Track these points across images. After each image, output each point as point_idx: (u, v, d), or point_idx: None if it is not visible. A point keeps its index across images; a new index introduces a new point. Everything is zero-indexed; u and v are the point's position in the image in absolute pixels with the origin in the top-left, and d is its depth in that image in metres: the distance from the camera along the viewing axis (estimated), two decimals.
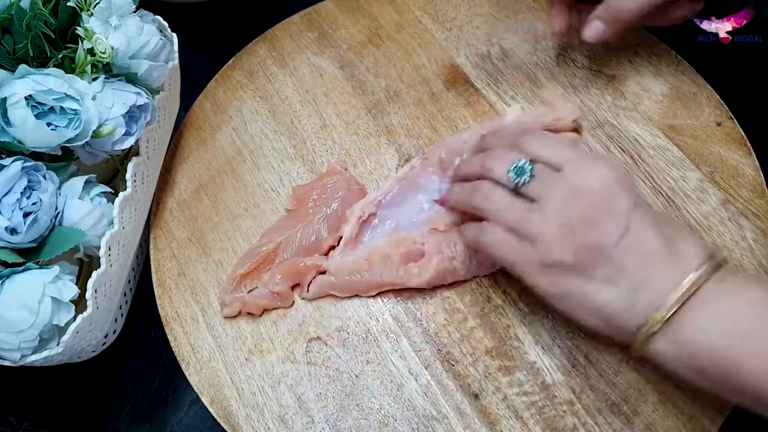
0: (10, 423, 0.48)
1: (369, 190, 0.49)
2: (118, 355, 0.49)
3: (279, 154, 0.53)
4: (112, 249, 0.43)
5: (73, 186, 0.42)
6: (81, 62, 0.42)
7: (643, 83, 0.52)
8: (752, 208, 0.46)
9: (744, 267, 0.44)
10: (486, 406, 0.41)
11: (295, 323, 0.45)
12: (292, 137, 0.53)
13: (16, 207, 0.38)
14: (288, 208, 0.50)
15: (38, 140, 0.39)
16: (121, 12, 0.42)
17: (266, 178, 0.52)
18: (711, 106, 0.50)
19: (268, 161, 0.52)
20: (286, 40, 0.58)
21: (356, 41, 0.57)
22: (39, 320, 0.38)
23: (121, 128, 0.42)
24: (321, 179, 0.49)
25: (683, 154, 0.49)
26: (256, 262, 0.46)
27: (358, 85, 0.55)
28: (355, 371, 0.43)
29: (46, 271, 0.39)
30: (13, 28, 0.40)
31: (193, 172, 0.53)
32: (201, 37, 0.65)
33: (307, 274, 0.46)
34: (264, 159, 0.52)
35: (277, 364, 0.44)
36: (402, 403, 0.42)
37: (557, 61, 0.54)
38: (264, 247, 0.47)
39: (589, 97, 0.52)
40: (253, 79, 0.57)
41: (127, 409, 0.48)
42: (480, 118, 0.52)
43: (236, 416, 0.43)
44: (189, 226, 0.50)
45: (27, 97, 0.38)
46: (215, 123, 0.55)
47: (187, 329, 0.46)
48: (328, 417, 0.42)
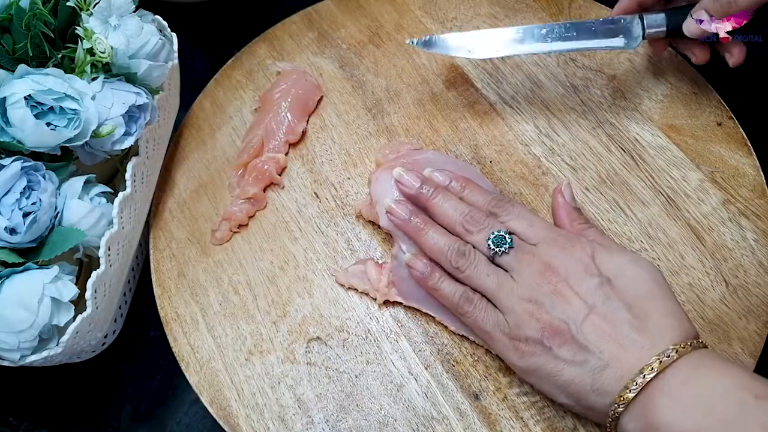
0: (10, 423, 0.48)
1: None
2: (118, 355, 0.49)
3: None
4: (112, 249, 0.43)
5: (73, 186, 0.42)
6: (80, 62, 0.42)
7: (643, 83, 0.52)
8: (753, 208, 0.46)
9: (744, 267, 0.44)
10: (486, 406, 0.41)
11: (295, 323, 0.45)
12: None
13: (15, 207, 0.38)
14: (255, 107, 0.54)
15: (38, 140, 0.39)
16: (121, 12, 0.42)
17: None
18: (711, 106, 0.50)
19: None
20: (286, 40, 0.58)
21: (356, 41, 0.57)
22: (38, 320, 0.38)
23: (121, 128, 0.42)
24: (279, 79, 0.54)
25: (683, 154, 0.49)
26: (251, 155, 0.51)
27: (358, 85, 0.55)
28: (355, 371, 0.43)
29: (45, 271, 0.39)
30: (13, 27, 0.40)
31: (193, 172, 0.53)
32: (201, 37, 0.64)
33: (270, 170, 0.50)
34: None
35: (276, 365, 0.44)
36: (402, 404, 0.42)
37: (557, 61, 0.54)
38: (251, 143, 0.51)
39: (589, 97, 0.52)
40: (253, 79, 0.56)
41: (127, 409, 0.48)
42: (480, 118, 0.52)
43: (236, 416, 0.43)
44: (189, 226, 0.50)
45: (26, 96, 0.38)
46: (215, 123, 0.55)
47: (186, 329, 0.46)
48: (328, 417, 0.42)
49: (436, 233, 0.41)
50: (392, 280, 0.44)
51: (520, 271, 0.38)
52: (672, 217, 0.46)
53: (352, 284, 0.45)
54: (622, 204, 0.47)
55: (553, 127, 0.51)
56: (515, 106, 0.52)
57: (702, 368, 0.33)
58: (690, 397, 0.32)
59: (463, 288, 0.40)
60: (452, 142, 0.51)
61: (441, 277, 0.41)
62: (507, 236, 0.39)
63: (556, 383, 0.36)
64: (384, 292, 0.44)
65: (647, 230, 0.46)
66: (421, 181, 0.43)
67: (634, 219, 0.47)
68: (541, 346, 0.36)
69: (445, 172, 0.44)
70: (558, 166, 0.49)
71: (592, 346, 0.35)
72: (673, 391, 0.32)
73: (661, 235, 0.46)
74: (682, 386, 0.32)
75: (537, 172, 0.49)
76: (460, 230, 0.41)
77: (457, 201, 0.42)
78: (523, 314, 0.37)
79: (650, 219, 0.46)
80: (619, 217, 0.47)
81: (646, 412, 0.33)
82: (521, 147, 0.50)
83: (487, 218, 0.41)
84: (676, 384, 0.32)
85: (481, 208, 0.42)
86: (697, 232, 0.46)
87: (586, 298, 0.36)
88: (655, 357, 0.33)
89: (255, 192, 0.49)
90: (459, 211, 0.41)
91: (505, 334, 0.38)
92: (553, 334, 0.36)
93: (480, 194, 0.43)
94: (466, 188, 0.43)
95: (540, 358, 0.36)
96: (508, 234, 0.40)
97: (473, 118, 0.52)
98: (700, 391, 0.32)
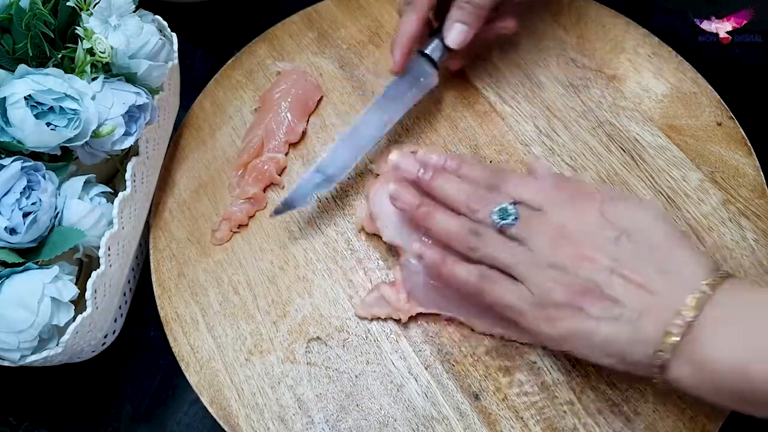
0: (10, 423, 0.48)
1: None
2: (118, 355, 0.49)
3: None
4: (112, 249, 0.43)
5: (73, 186, 0.42)
6: (80, 62, 0.42)
7: (643, 83, 0.52)
8: (753, 208, 0.46)
9: (744, 267, 0.44)
10: (486, 406, 0.41)
11: (295, 323, 0.45)
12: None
13: (15, 207, 0.38)
14: (255, 107, 0.54)
15: (38, 140, 0.39)
16: (121, 12, 0.42)
17: None
18: (711, 106, 0.50)
19: None
20: (286, 40, 0.58)
21: (356, 41, 0.57)
22: (38, 320, 0.38)
23: (121, 128, 0.42)
24: (279, 79, 0.54)
25: (683, 154, 0.49)
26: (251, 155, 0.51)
27: (358, 85, 0.55)
28: (355, 371, 0.43)
29: (45, 271, 0.39)
30: (13, 27, 0.40)
31: (193, 172, 0.53)
32: (201, 37, 0.64)
33: (270, 170, 0.50)
34: None
35: (276, 365, 0.44)
36: (402, 404, 0.42)
37: (557, 61, 0.54)
38: (251, 143, 0.51)
39: (589, 97, 0.52)
40: (253, 79, 0.56)
41: (127, 409, 0.48)
42: (480, 118, 0.52)
43: (236, 416, 0.43)
44: (189, 226, 0.50)
45: (26, 96, 0.38)
46: (215, 123, 0.55)
47: (186, 329, 0.46)
48: (328, 417, 0.42)
49: (445, 215, 0.41)
50: (408, 291, 0.44)
51: (534, 240, 0.38)
52: (672, 217, 0.46)
53: (374, 314, 0.44)
54: None
55: (553, 127, 0.51)
56: (515, 106, 0.52)
57: (737, 297, 0.33)
58: (734, 328, 0.32)
59: (479, 268, 0.39)
60: (452, 142, 0.51)
61: (454, 262, 0.40)
62: (510, 207, 0.39)
63: (594, 343, 0.35)
64: (406, 309, 0.43)
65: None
66: (420, 165, 0.42)
67: None
68: (571, 308, 0.35)
69: (439, 152, 0.44)
70: (558, 166, 0.49)
71: (623, 298, 0.34)
72: (718, 324, 0.32)
73: None
74: (723, 319, 0.32)
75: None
76: (465, 211, 0.40)
77: (458, 181, 0.42)
78: (547, 281, 0.36)
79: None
80: None
81: (694, 352, 0.32)
82: (521, 147, 0.50)
83: (489, 193, 0.40)
84: (717, 317, 0.32)
85: (481, 184, 0.41)
86: (697, 232, 0.46)
87: (607, 253, 0.36)
88: (691, 296, 0.33)
89: (255, 192, 0.49)
90: (462, 191, 0.41)
91: (533, 305, 0.37)
92: (582, 295, 0.35)
93: (477, 169, 0.42)
94: (462, 166, 0.43)
95: (573, 321, 0.36)
96: (512, 205, 0.39)
97: (473, 118, 0.52)
98: (743, 320, 0.32)
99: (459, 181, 0.41)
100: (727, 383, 0.32)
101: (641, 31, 0.54)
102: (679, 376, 0.34)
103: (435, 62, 0.48)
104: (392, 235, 0.43)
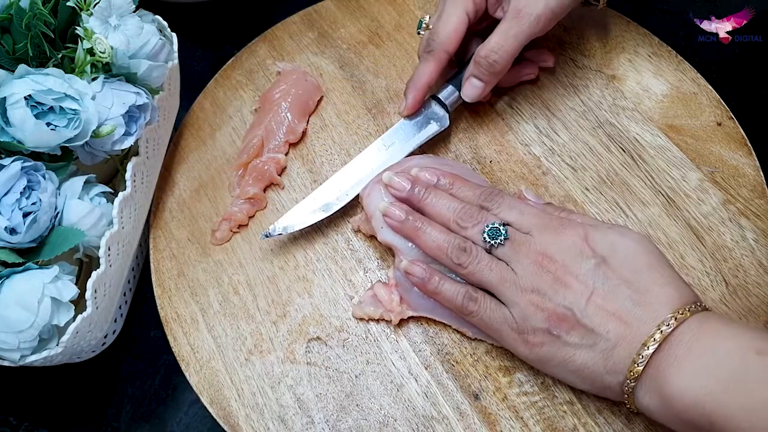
0: (10, 423, 0.48)
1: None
2: (118, 355, 0.49)
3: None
4: (112, 249, 0.43)
5: (73, 186, 0.42)
6: (80, 62, 0.42)
7: (643, 83, 0.52)
8: (752, 208, 0.46)
9: (744, 267, 0.44)
10: (486, 406, 0.41)
11: (295, 323, 0.45)
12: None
13: (15, 207, 0.38)
14: (255, 107, 0.54)
15: (38, 140, 0.39)
16: (121, 12, 0.42)
17: None
18: (711, 106, 0.50)
19: None
20: (286, 40, 0.58)
21: (356, 41, 0.57)
22: (38, 320, 0.38)
23: (121, 128, 0.42)
24: (279, 79, 0.54)
25: (683, 154, 0.49)
26: (251, 155, 0.51)
27: (358, 85, 0.55)
28: (355, 371, 0.43)
29: (45, 271, 0.39)
30: (13, 28, 0.40)
31: (193, 172, 0.53)
32: (201, 37, 0.64)
33: (270, 170, 0.50)
34: None
35: (276, 365, 0.44)
36: (402, 404, 0.42)
37: (557, 61, 0.54)
38: (251, 143, 0.51)
39: (589, 97, 0.52)
40: (253, 79, 0.56)
41: (127, 409, 0.48)
42: (480, 118, 0.52)
43: (236, 416, 0.43)
44: (189, 226, 0.50)
45: (26, 97, 0.38)
46: (215, 123, 0.55)
47: (186, 329, 0.46)
48: (328, 417, 0.42)
49: (434, 230, 0.41)
50: (400, 294, 0.44)
51: (518, 262, 0.38)
52: (672, 217, 0.46)
53: (368, 314, 0.44)
54: (622, 204, 0.47)
55: (553, 127, 0.51)
56: (515, 106, 0.52)
57: (703, 332, 0.33)
58: (696, 364, 0.32)
59: (465, 288, 0.40)
60: (452, 142, 0.51)
61: (441, 280, 0.41)
62: (501, 228, 0.39)
63: (570, 369, 0.37)
64: (398, 311, 0.43)
65: (647, 230, 0.46)
66: (411, 183, 0.43)
67: (634, 219, 0.47)
68: (549, 335, 0.36)
69: (431, 170, 0.44)
70: (558, 166, 0.49)
71: (599, 327, 0.35)
72: (679, 359, 0.33)
73: (661, 235, 0.46)
74: (687, 354, 0.33)
75: (537, 172, 0.49)
76: (455, 227, 0.41)
77: (449, 198, 0.42)
78: (528, 306, 0.37)
79: (650, 219, 0.46)
80: (619, 217, 0.47)
81: (658, 384, 0.33)
82: (521, 147, 0.50)
83: (480, 212, 0.41)
84: (681, 353, 0.33)
85: (473, 203, 0.42)
86: (697, 232, 0.46)
87: (585, 281, 0.36)
88: (656, 328, 0.34)
89: (255, 192, 0.49)
90: (452, 209, 0.41)
91: (513, 329, 0.38)
92: (559, 322, 0.36)
93: (469, 189, 0.43)
94: (454, 184, 0.43)
95: (550, 348, 0.37)
96: (502, 225, 0.39)
97: (473, 118, 0.52)
98: (704, 356, 0.32)
99: (451, 198, 0.42)
100: (689, 417, 0.32)
101: (641, 31, 0.54)
102: (647, 405, 0.34)
103: (447, 108, 0.49)
104: (387, 235, 0.43)
